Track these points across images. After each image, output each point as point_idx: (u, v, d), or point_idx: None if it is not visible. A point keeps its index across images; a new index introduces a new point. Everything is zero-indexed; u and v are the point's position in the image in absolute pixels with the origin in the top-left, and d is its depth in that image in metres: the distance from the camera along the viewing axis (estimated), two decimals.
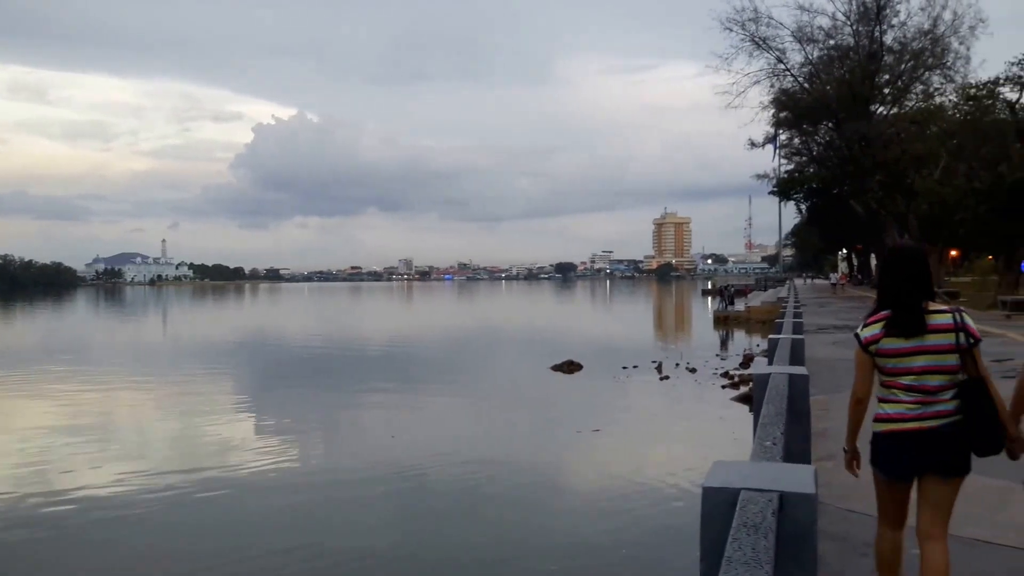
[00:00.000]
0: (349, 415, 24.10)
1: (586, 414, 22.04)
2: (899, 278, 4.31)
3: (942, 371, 4.19)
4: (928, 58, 55.42)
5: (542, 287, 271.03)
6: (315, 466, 17.48)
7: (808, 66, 60.00)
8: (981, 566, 5.48)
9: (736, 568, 1.87)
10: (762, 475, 2.46)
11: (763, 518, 2.13)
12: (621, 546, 11.96)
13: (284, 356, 43.58)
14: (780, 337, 8.99)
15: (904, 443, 4.21)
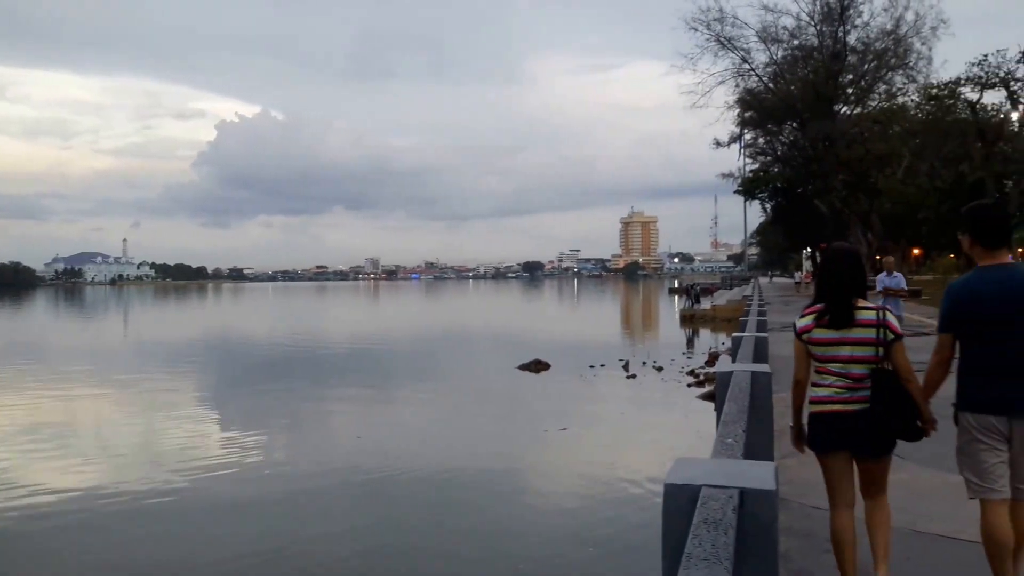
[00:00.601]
0: (314, 416, 23.81)
1: (553, 413, 21.97)
2: (834, 276, 4.76)
3: (864, 361, 4.63)
4: (891, 58, 55.98)
5: (510, 286, 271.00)
6: (278, 468, 17.17)
7: (772, 66, 60.47)
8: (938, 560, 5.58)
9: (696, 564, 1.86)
10: (723, 472, 2.45)
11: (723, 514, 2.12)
12: (588, 544, 11.91)
13: (247, 357, 43.02)
14: (744, 335, 8.96)
15: (831, 423, 4.70)
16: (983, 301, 4.55)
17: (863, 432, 4.65)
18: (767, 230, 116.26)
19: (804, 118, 57.43)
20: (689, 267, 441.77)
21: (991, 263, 4.62)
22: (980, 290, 4.58)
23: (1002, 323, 4.49)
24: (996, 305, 4.51)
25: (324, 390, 28.34)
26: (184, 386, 30.65)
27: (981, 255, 4.67)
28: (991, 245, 4.64)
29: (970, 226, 4.71)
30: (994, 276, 4.57)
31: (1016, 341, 4.47)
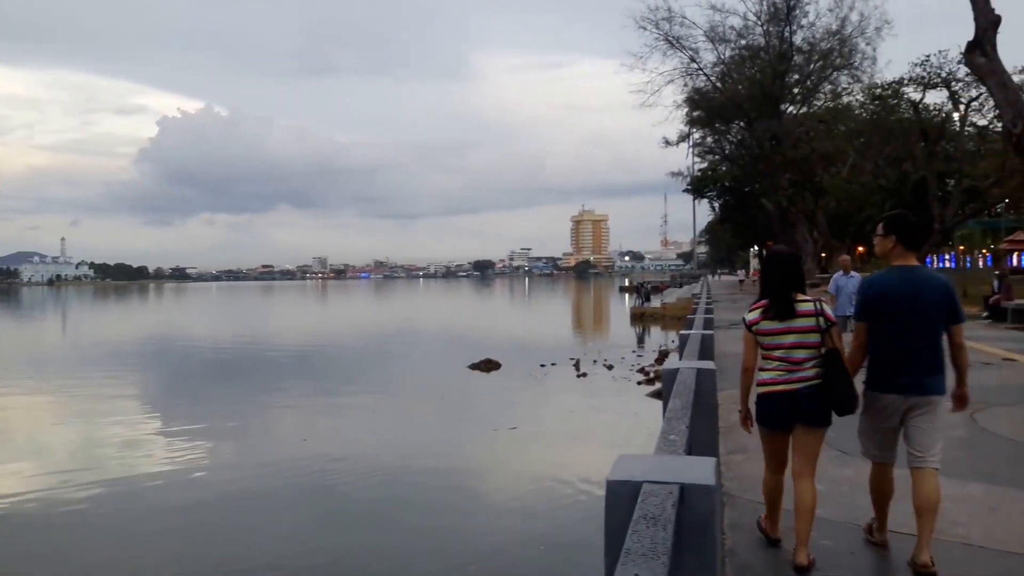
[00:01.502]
0: (258, 419, 23.35)
1: (504, 413, 21.95)
2: (775, 275, 5.44)
3: (806, 346, 5.31)
4: (836, 58, 56.77)
5: (460, 285, 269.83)
6: (219, 472, 16.77)
7: (720, 66, 60.98)
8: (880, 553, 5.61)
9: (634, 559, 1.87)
10: (664, 468, 2.48)
11: (663, 510, 2.15)
12: (539, 543, 11.89)
13: (190, 358, 41.94)
14: (690, 333, 8.99)
15: (776, 401, 5.33)
16: (892, 296, 5.30)
17: (806, 407, 5.29)
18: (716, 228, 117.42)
19: (751, 117, 58.02)
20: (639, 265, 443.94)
21: (903, 264, 5.38)
22: (890, 287, 5.33)
23: (904, 316, 5.25)
24: (901, 301, 5.26)
25: (269, 392, 27.74)
26: (122, 390, 29.74)
27: (899, 256, 5.40)
28: (911, 248, 5.41)
29: (898, 230, 5.40)
30: (904, 276, 5.32)
31: (914, 333, 5.24)
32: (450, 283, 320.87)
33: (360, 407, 24.85)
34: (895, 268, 5.40)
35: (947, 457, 7.93)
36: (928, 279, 5.36)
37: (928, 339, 5.28)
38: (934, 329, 5.31)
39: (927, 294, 5.28)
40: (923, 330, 5.27)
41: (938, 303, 5.29)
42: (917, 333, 5.26)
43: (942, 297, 5.30)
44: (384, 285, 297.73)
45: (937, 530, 5.65)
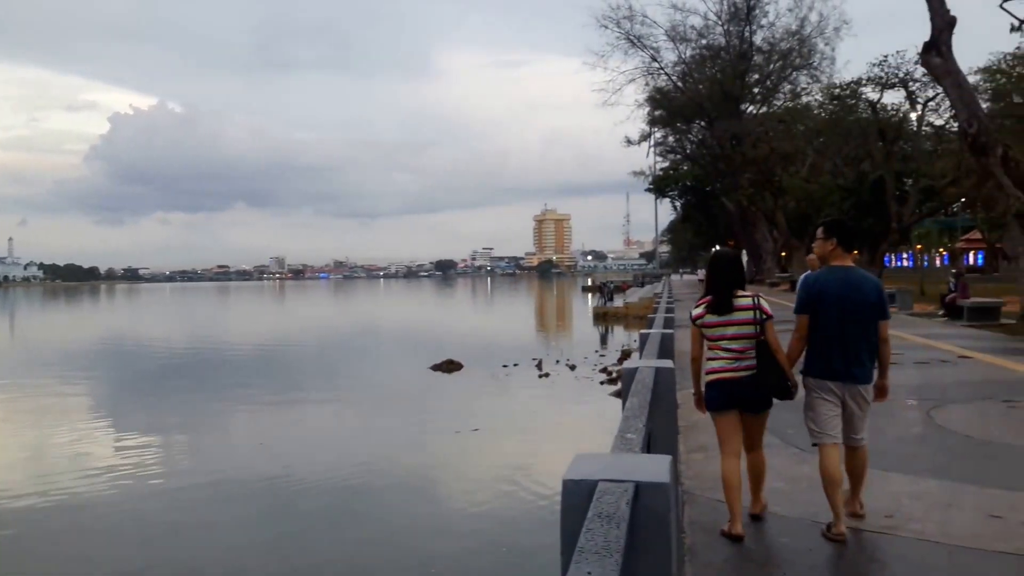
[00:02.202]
0: (213, 424, 22.91)
1: (466, 414, 21.85)
2: (717, 275, 5.97)
3: (745, 337, 5.83)
4: (795, 58, 57.34)
5: (422, 285, 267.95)
6: (172, 479, 16.39)
7: (681, 65, 61.39)
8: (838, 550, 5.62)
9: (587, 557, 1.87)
10: (620, 466, 2.48)
11: (617, 508, 2.14)
12: (501, 546, 11.85)
13: (142, 362, 40.70)
14: (650, 332, 9.01)
15: (722, 387, 5.88)
16: (829, 293, 5.88)
17: (748, 393, 5.84)
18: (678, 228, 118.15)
19: (712, 117, 58.43)
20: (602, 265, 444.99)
21: (840, 264, 6.01)
22: (829, 284, 5.91)
23: (840, 312, 5.83)
24: (836, 297, 5.85)
25: (224, 396, 27.17)
26: (70, 395, 28.91)
27: (837, 257, 6.03)
28: (848, 250, 6.04)
29: (837, 233, 6.06)
30: (840, 275, 5.94)
31: (848, 327, 5.82)
32: (411, 283, 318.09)
33: (319, 410, 24.56)
34: (834, 268, 6.02)
35: (904, 453, 8.14)
36: (862, 279, 5.99)
37: (860, 333, 5.87)
38: (866, 324, 5.88)
39: (861, 293, 5.89)
40: (856, 325, 5.85)
41: (870, 301, 5.90)
42: (850, 327, 5.84)
43: (873, 296, 5.92)
44: (344, 285, 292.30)
45: (893, 527, 5.88)
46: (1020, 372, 13.70)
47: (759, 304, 5.89)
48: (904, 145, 46.07)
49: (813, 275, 6.26)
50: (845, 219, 6.49)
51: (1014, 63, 40.26)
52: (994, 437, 8.85)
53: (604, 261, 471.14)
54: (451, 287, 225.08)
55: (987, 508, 6.29)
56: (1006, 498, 6.54)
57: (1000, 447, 8.43)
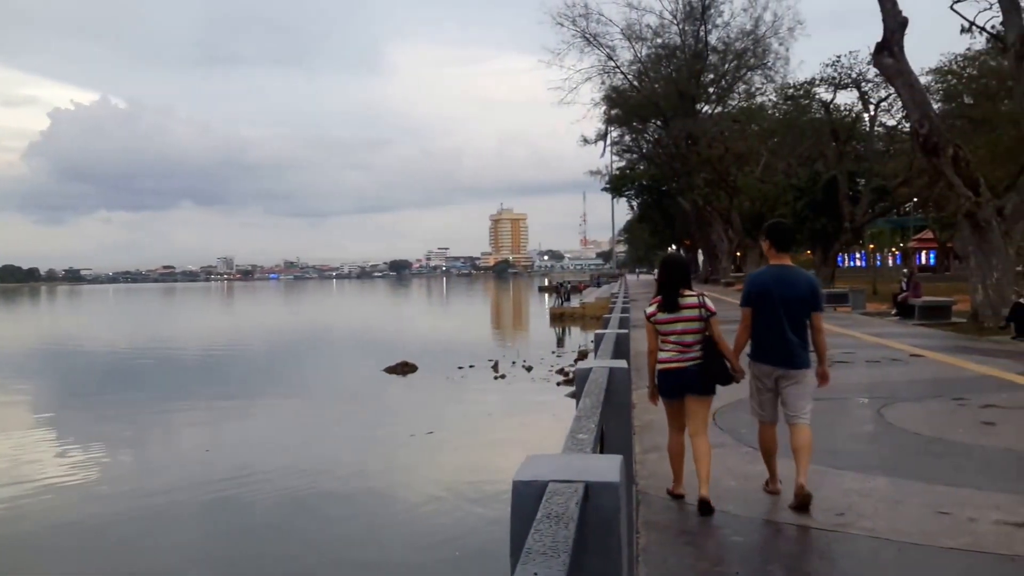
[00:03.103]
0: (157, 430, 22.31)
1: (420, 417, 21.69)
2: (665, 276, 6.70)
3: (692, 332, 6.54)
4: (750, 58, 57.87)
5: (376, 286, 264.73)
6: (114, 487, 15.97)
7: (637, 64, 61.69)
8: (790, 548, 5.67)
9: (534, 558, 1.86)
10: (570, 467, 2.48)
11: (566, 508, 2.13)
12: (455, 548, 11.80)
13: (83, 367, 39.41)
14: (605, 332, 9.01)
15: (671, 375, 6.60)
16: (768, 289, 6.55)
17: (694, 380, 6.53)
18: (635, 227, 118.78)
19: (668, 116, 58.80)
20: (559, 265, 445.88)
21: (778, 263, 6.68)
22: (766, 281, 6.61)
23: (777, 305, 6.48)
24: (775, 293, 6.51)
25: (169, 401, 26.34)
26: (6, 400, 28.15)
27: (775, 256, 6.71)
28: (781, 249, 6.73)
29: (772, 236, 6.77)
30: (778, 272, 6.63)
31: (785, 318, 6.46)
32: (365, 284, 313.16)
33: (268, 415, 24.07)
34: (773, 266, 6.70)
35: (855, 451, 8.20)
36: (797, 276, 6.68)
37: (795, 324, 6.51)
38: (801, 316, 6.54)
39: (795, 288, 6.56)
40: (791, 316, 6.50)
41: (804, 295, 6.56)
42: (787, 318, 6.49)
43: (807, 291, 6.59)
44: (295, 286, 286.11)
45: (844, 524, 5.93)
46: (970, 370, 13.88)
47: (704, 303, 6.59)
48: (857, 145, 46.70)
49: (755, 273, 6.95)
50: (780, 222, 7.06)
51: (965, 64, 40.94)
52: (943, 435, 8.94)
53: (561, 261, 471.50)
54: (406, 287, 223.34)
55: (935, 505, 6.36)
56: (954, 495, 6.61)
57: (949, 444, 8.52)
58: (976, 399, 10.92)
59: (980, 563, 5.24)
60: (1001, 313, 20.45)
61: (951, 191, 22.63)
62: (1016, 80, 22.41)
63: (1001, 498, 6.48)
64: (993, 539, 5.58)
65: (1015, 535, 5.65)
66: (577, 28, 58.60)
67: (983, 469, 7.54)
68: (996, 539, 5.58)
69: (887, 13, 21.84)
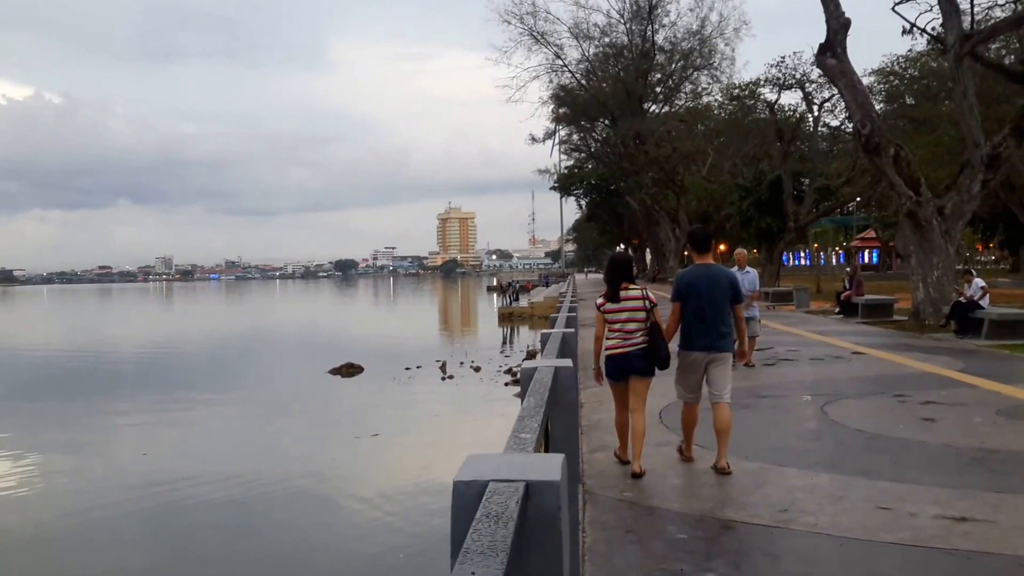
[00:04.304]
0: (92, 433, 21.80)
1: (365, 419, 21.57)
2: (611, 271, 7.66)
3: (636, 321, 7.45)
4: (696, 58, 58.32)
5: (320, 286, 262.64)
6: (47, 490, 15.74)
7: (585, 63, 61.89)
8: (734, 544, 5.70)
9: (472, 557, 1.85)
10: (511, 466, 2.46)
11: (505, 507, 2.12)
12: (399, 551, 11.71)
13: (12, 370, 38.18)
14: (552, 332, 9.00)
15: (616, 359, 7.52)
16: (694, 285, 7.51)
17: (636, 363, 7.44)
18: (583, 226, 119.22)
19: (616, 115, 59.01)
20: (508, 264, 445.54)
21: (701, 263, 7.71)
22: (693, 278, 7.58)
23: (702, 299, 7.44)
24: (699, 288, 7.47)
25: (105, 404, 25.83)
26: None
27: (697, 257, 7.81)
28: (700, 251, 7.82)
29: (690, 241, 8.09)
30: (701, 271, 7.63)
31: (709, 310, 7.43)
32: (309, 284, 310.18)
33: (208, 417, 23.67)
34: (697, 266, 7.72)
35: (798, 448, 8.30)
36: (718, 273, 7.69)
37: (718, 314, 7.48)
38: (722, 307, 7.50)
39: (717, 284, 7.52)
40: (714, 308, 7.47)
41: (724, 289, 7.52)
42: (711, 310, 7.46)
43: (727, 286, 7.55)
44: (237, 287, 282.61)
45: (787, 520, 6.01)
46: (911, 367, 14.09)
47: (647, 295, 7.50)
48: (801, 145, 47.25)
49: (682, 272, 7.94)
50: (698, 229, 8.38)
51: (906, 65, 41.65)
52: (884, 431, 9.06)
53: (510, 260, 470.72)
54: (352, 287, 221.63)
55: (877, 500, 6.43)
56: (895, 490, 6.69)
57: (890, 440, 8.63)
58: (917, 396, 11.07)
59: (920, 557, 5.31)
60: (941, 311, 20.78)
61: (892, 191, 22.98)
62: (956, 81, 22.78)
63: (941, 493, 6.57)
64: (932, 533, 5.65)
65: (953, 529, 5.73)
66: (524, 26, 58.66)
67: (923, 465, 7.63)
68: (935, 533, 5.65)
69: (830, 14, 22.12)
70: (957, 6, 22.50)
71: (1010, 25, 25.29)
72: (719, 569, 5.19)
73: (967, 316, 19.20)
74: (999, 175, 22.95)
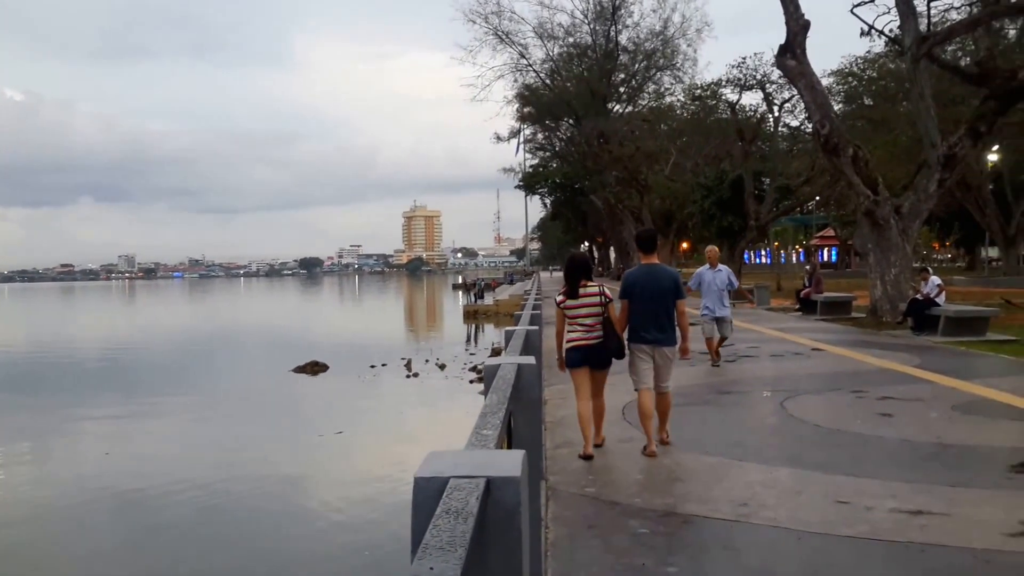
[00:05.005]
0: (55, 432, 21.56)
1: (330, 417, 21.46)
2: (571, 270, 8.12)
3: (594, 315, 7.93)
4: (659, 59, 58.55)
5: (285, 284, 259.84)
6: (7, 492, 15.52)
7: (549, 62, 61.92)
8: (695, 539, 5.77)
9: (431, 553, 1.87)
10: (472, 462, 2.48)
11: (465, 503, 2.14)
12: (364, 549, 11.69)
13: None
14: (515, 329, 9.06)
15: (577, 351, 7.98)
16: (640, 284, 8.11)
17: (595, 355, 7.95)
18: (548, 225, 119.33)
19: (580, 115, 59.05)
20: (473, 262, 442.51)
21: (647, 262, 8.30)
22: (638, 277, 8.19)
23: (647, 296, 8.05)
24: (645, 286, 8.07)
25: (69, 403, 25.62)
26: None
27: (644, 258, 8.38)
28: (646, 252, 8.41)
29: (637, 243, 8.72)
30: (646, 270, 8.24)
31: (653, 307, 8.04)
32: (274, 282, 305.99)
33: (171, 416, 23.43)
34: (643, 265, 8.31)
35: (758, 443, 8.43)
36: (662, 272, 8.27)
37: (662, 310, 8.07)
38: (666, 304, 8.08)
39: (660, 282, 8.10)
40: (658, 305, 8.06)
41: (668, 287, 8.08)
42: (655, 306, 8.06)
43: (670, 284, 8.11)
44: (200, 285, 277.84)
45: (747, 514, 6.10)
46: (869, 364, 14.28)
47: (603, 291, 7.99)
48: (762, 145, 47.60)
49: (630, 271, 8.55)
50: (644, 231, 8.93)
51: (865, 66, 42.07)
52: (842, 426, 9.18)
53: (475, 258, 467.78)
54: (316, 286, 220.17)
55: (835, 494, 6.52)
56: (852, 484, 6.80)
57: (848, 435, 8.75)
58: (874, 391, 11.23)
59: (876, 550, 5.39)
60: (899, 308, 21.03)
61: (851, 190, 23.23)
62: (913, 82, 23.08)
63: (897, 487, 6.68)
64: (889, 527, 5.75)
65: (909, 523, 5.83)
66: (489, 25, 58.60)
67: (881, 459, 7.76)
68: (892, 527, 5.75)
69: (789, 16, 22.33)
70: (914, 9, 22.80)
71: (966, 27, 25.68)
72: (680, 563, 5.25)
73: (923, 313, 19.45)
74: (955, 175, 23.31)
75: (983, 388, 11.32)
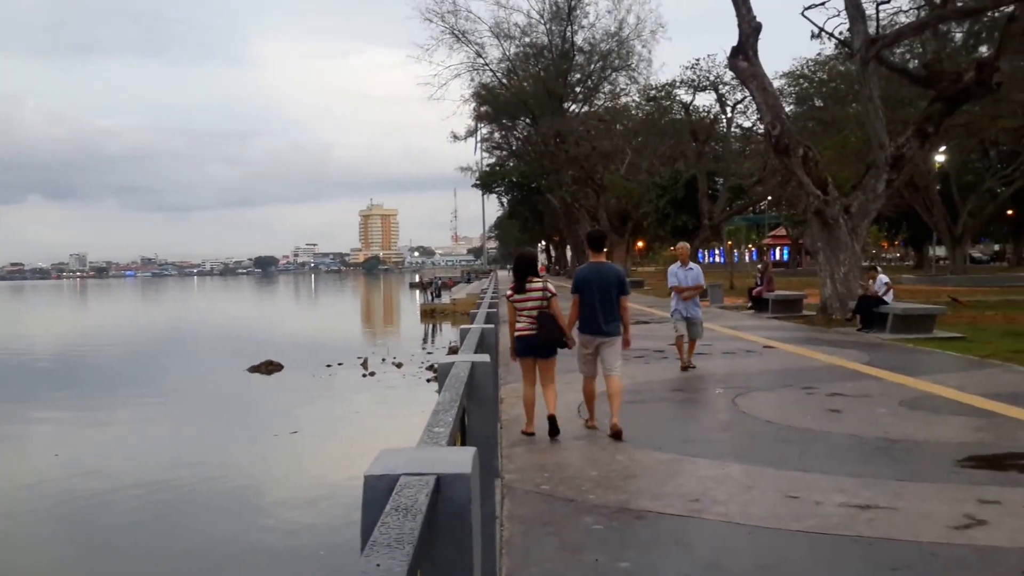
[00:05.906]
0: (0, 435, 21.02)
1: (284, 416, 21.26)
2: (518, 267, 8.94)
3: (538, 309, 8.59)
4: (615, 59, 58.95)
5: (240, 283, 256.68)
6: None
7: (506, 62, 62.09)
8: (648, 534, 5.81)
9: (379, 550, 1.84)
10: (423, 460, 2.43)
11: (415, 500, 2.11)
12: (319, 548, 11.66)
13: None
14: (471, 327, 9.09)
15: (524, 341, 8.70)
16: (588, 280, 8.81)
17: (540, 345, 8.65)
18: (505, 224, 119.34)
19: (536, 114, 59.25)
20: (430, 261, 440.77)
21: (595, 260, 9.09)
22: (587, 274, 8.91)
23: (595, 291, 8.73)
24: (593, 282, 8.77)
25: (15, 402, 25.12)
26: None
27: (592, 256, 9.20)
28: (595, 250, 9.28)
29: (587, 242, 9.52)
30: (595, 267, 8.97)
31: (600, 300, 8.71)
32: (228, 281, 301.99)
33: (122, 417, 23.00)
34: (592, 263, 9.06)
35: (710, 439, 8.53)
36: (608, 269, 9.05)
37: (607, 304, 8.75)
38: (611, 298, 8.77)
39: (607, 279, 8.82)
40: (604, 299, 8.73)
41: (613, 284, 8.80)
42: (601, 301, 8.73)
43: (615, 280, 8.86)
44: (153, 284, 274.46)
45: (699, 510, 6.18)
46: (819, 360, 14.49)
47: (545, 287, 8.74)
48: (715, 145, 48.11)
49: (580, 268, 9.25)
50: (593, 231, 9.91)
51: (815, 68, 42.64)
52: (793, 422, 9.32)
53: (432, 257, 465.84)
54: (272, 285, 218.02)
55: (785, 489, 6.63)
56: (802, 479, 6.91)
57: (798, 431, 8.89)
58: (824, 388, 11.40)
59: (825, 544, 5.49)
60: (848, 305, 21.32)
61: (801, 190, 23.55)
62: (862, 84, 23.43)
63: (846, 482, 6.78)
64: (838, 521, 5.85)
65: (858, 516, 5.93)
66: (446, 24, 58.69)
67: (830, 454, 7.88)
68: (840, 520, 5.85)
69: (742, 19, 22.56)
70: (863, 12, 23.14)
71: (914, 30, 26.16)
72: (633, 559, 5.31)
73: (872, 311, 19.73)
74: (903, 175, 23.73)
75: (930, 384, 11.51)
